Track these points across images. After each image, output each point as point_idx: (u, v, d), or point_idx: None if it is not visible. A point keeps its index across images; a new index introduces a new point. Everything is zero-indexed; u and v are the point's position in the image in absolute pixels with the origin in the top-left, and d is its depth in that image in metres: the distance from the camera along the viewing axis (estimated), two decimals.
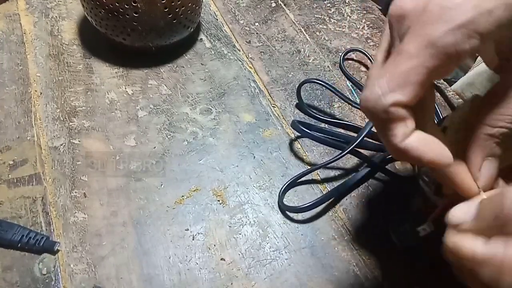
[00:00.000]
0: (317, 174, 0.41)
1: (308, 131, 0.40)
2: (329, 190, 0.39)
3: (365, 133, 0.38)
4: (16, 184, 0.37)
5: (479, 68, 0.48)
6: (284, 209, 0.38)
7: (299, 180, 0.39)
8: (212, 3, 0.56)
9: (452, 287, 0.25)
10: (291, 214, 0.38)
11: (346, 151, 0.38)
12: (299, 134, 0.42)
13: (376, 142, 0.42)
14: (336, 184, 0.40)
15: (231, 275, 0.34)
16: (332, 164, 0.40)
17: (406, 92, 0.22)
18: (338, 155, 0.38)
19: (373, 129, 0.41)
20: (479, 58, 0.49)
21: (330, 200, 0.39)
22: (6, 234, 0.33)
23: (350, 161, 0.42)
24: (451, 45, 0.20)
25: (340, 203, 0.39)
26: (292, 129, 0.43)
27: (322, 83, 0.44)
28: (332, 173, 0.41)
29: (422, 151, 0.23)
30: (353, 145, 0.38)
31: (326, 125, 0.44)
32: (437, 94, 0.48)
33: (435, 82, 0.49)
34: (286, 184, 0.38)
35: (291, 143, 0.43)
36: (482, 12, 0.20)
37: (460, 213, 0.23)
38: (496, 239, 0.20)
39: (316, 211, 0.38)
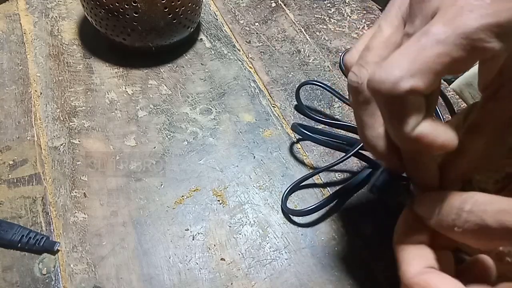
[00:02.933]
0: (318, 175, 0.41)
1: (309, 133, 0.40)
2: (331, 192, 0.39)
3: None
4: (16, 184, 0.37)
5: (477, 69, 0.48)
6: (287, 212, 0.37)
7: (302, 184, 0.39)
8: (212, 3, 0.56)
9: None
10: (294, 217, 0.38)
11: (350, 154, 0.37)
12: (300, 137, 0.42)
13: None
14: (337, 185, 0.40)
15: (231, 275, 0.34)
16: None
17: (425, 79, 0.20)
18: (341, 158, 0.38)
19: None
20: None
21: (333, 202, 0.38)
22: (6, 234, 0.33)
23: (351, 162, 0.42)
24: (481, 41, 0.19)
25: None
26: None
27: (322, 85, 0.44)
28: (333, 174, 0.41)
29: (434, 136, 0.21)
30: (358, 148, 0.37)
31: (326, 126, 0.44)
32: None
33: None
34: (289, 188, 0.38)
35: (291, 143, 0.43)
36: None
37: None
38: None
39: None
